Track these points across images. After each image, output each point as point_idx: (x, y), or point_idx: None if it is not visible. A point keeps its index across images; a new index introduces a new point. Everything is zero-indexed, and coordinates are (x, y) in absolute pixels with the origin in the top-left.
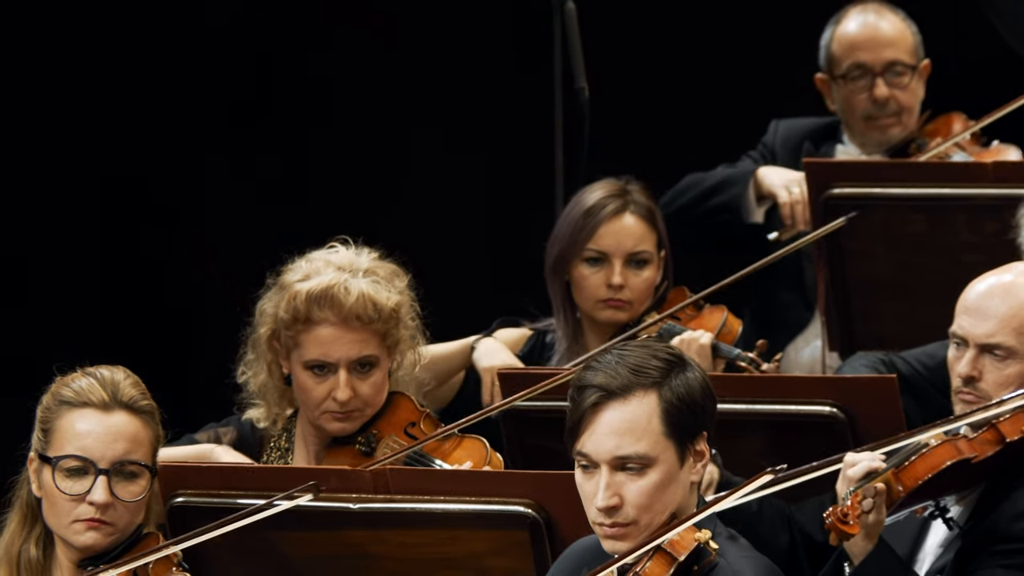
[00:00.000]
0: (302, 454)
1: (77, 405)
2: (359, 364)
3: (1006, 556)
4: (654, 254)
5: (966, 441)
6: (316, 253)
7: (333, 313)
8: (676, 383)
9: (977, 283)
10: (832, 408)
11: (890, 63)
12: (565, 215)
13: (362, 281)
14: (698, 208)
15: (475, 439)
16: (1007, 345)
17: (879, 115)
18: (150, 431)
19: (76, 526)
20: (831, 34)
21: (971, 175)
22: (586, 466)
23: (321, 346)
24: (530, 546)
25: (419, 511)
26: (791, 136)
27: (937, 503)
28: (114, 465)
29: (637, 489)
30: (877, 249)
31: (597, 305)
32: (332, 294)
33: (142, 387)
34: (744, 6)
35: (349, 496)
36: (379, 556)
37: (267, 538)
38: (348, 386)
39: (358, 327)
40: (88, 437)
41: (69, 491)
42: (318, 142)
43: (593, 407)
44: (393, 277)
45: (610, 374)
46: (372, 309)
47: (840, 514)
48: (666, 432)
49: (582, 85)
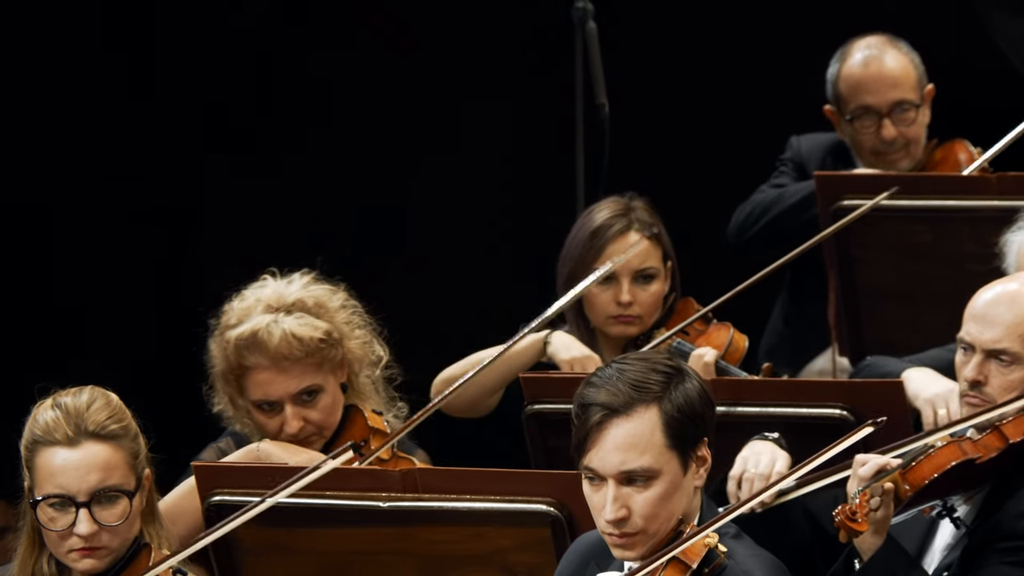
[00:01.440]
0: None
1: (47, 444)
2: (303, 394)
3: (1010, 553)
4: (660, 268)
5: (971, 442)
6: (249, 290)
7: (263, 357)
8: (676, 395)
9: (985, 291)
10: (843, 411)
11: (896, 103)
12: (573, 235)
13: (286, 320)
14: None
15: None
16: (1012, 351)
17: (887, 151)
18: (123, 452)
19: (72, 555)
20: (837, 72)
21: (975, 188)
22: (593, 479)
23: (261, 387)
24: (552, 543)
25: (446, 509)
26: (814, 151)
27: (944, 503)
28: (92, 495)
29: (644, 500)
30: (885, 258)
31: (608, 321)
32: (257, 339)
33: (110, 409)
34: (756, 28)
35: (379, 495)
36: (408, 552)
37: (302, 535)
38: (296, 418)
39: (288, 366)
40: (62, 475)
41: (56, 527)
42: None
43: (598, 425)
44: (323, 300)
45: (612, 391)
46: (298, 347)
47: (849, 512)
48: (668, 444)
49: (602, 101)
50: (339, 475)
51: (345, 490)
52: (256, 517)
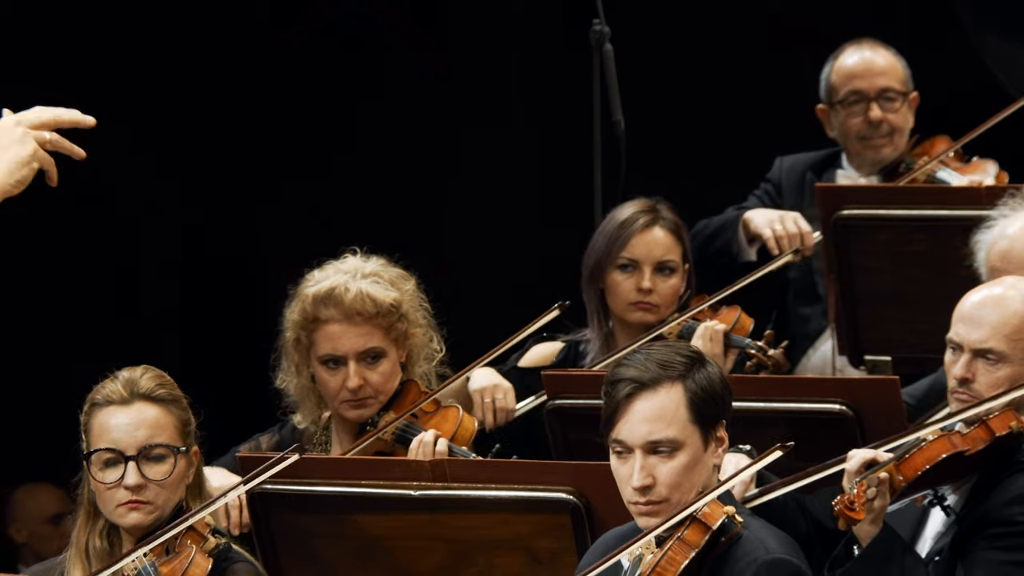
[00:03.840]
0: (338, 447)
1: (103, 405)
2: (366, 355)
3: (997, 539)
4: (679, 264)
5: (960, 436)
6: (329, 264)
7: (337, 311)
8: (699, 376)
9: (972, 294)
10: (842, 406)
11: (883, 89)
12: (601, 229)
13: (362, 282)
14: (703, 253)
15: (453, 407)
16: (998, 350)
17: (873, 135)
18: (172, 416)
19: (120, 510)
20: (831, 67)
21: (967, 198)
22: (621, 452)
23: (330, 341)
24: (571, 529)
25: (472, 497)
26: (794, 170)
27: (935, 492)
28: (141, 451)
29: (668, 470)
30: (883, 265)
31: (628, 307)
32: (334, 294)
33: (162, 379)
34: (759, 51)
35: (410, 484)
36: (437, 537)
37: (340, 521)
38: (357, 375)
39: (360, 322)
40: (114, 430)
41: (106, 480)
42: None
43: (627, 398)
44: (397, 279)
45: (640, 368)
46: (371, 305)
47: (847, 502)
48: (692, 419)
49: (618, 118)
50: (374, 466)
51: (379, 479)
52: (297, 504)
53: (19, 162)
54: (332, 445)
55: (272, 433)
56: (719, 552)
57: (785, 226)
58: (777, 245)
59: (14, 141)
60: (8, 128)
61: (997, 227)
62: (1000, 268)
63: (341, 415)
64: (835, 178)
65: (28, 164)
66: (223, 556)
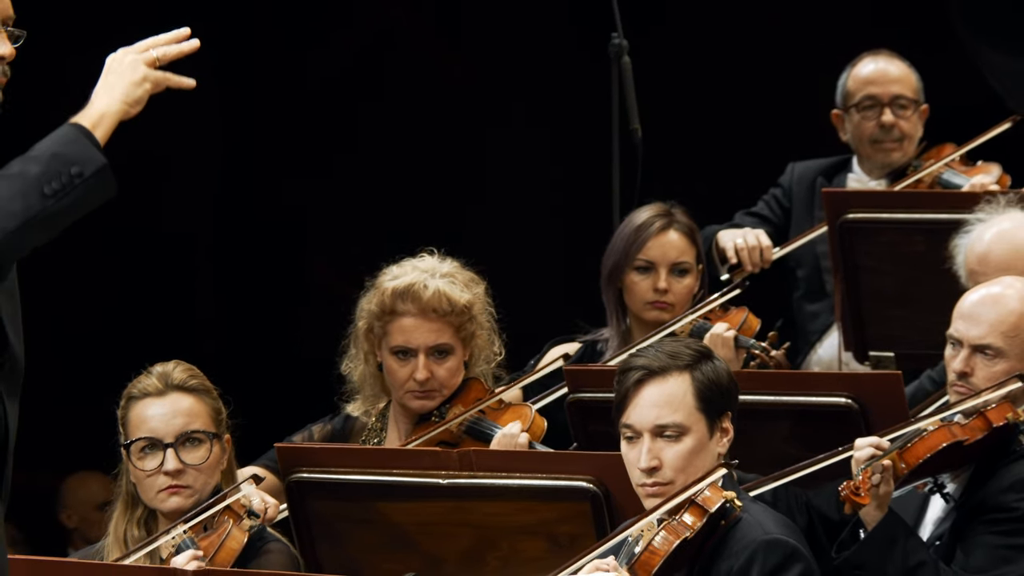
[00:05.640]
0: (394, 434)
1: (140, 398)
2: (436, 350)
3: (994, 524)
4: (693, 266)
5: (959, 426)
6: (406, 260)
7: (413, 306)
8: (706, 368)
9: (971, 293)
10: (847, 399)
11: (896, 96)
12: (619, 232)
13: (440, 281)
14: None
15: (524, 405)
16: (996, 346)
17: (884, 139)
18: (205, 404)
19: (161, 495)
20: (847, 74)
21: (964, 203)
22: (631, 436)
23: (404, 334)
24: (591, 515)
25: (498, 486)
26: (805, 175)
27: (936, 480)
28: (178, 437)
29: (674, 453)
30: (885, 265)
31: (645, 307)
32: (413, 290)
33: (193, 371)
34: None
35: (439, 473)
36: (464, 523)
37: (372, 508)
38: (426, 368)
39: (434, 318)
40: (152, 420)
41: (146, 468)
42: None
43: (636, 384)
44: (470, 282)
45: (650, 358)
46: (447, 303)
47: (853, 487)
48: (698, 407)
49: (635, 126)
50: (405, 456)
51: (410, 469)
52: (332, 492)
53: (133, 83)
54: (388, 432)
55: (324, 423)
56: (719, 535)
57: (747, 240)
58: (738, 257)
59: (125, 67)
60: (118, 58)
61: (975, 231)
62: (978, 272)
63: (404, 404)
64: (846, 182)
65: (141, 84)
66: (257, 537)
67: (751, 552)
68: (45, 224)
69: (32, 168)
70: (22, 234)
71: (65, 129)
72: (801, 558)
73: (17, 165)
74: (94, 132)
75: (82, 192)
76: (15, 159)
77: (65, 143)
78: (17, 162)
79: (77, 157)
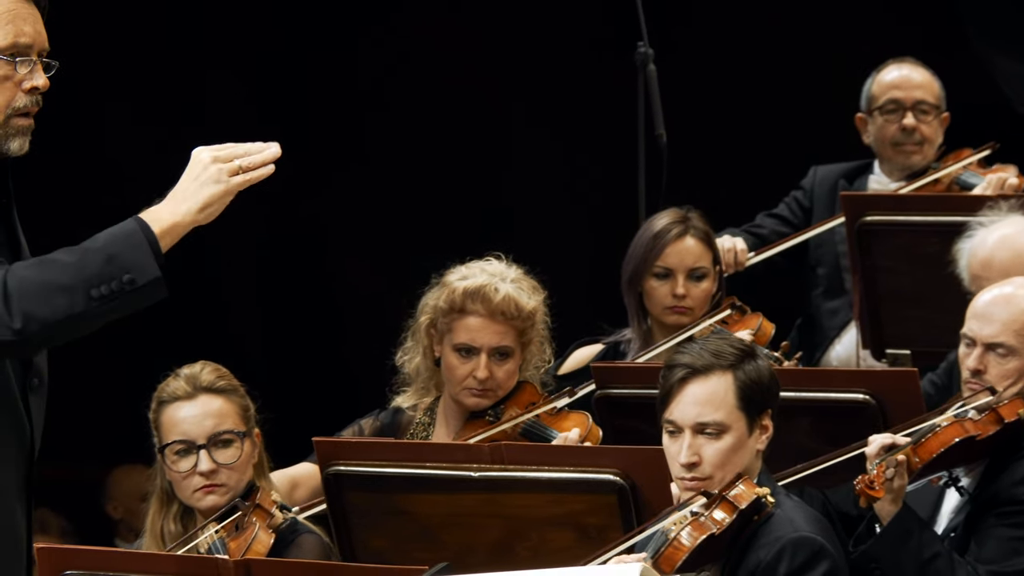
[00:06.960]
0: (443, 429)
1: (170, 402)
2: (498, 352)
3: (1007, 516)
4: (710, 269)
5: (972, 422)
6: (474, 262)
7: (483, 307)
8: (748, 367)
9: (984, 293)
10: (865, 395)
11: (918, 101)
12: (637, 238)
13: (509, 286)
14: None
15: (581, 413)
16: (1009, 344)
17: (905, 142)
18: (234, 404)
19: (197, 495)
20: (872, 79)
21: (977, 206)
22: (672, 431)
23: (469, 332)
24: (618, 507)
25: (528, 478)
26: (827, 178)
27: (950, 474)
28: (210, 439)
29: (714, 450)
30: (901, 266)
31: (665, 311)
32: (484, 292)
33: (220, 372)
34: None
35: (471, 466)
36: (495, 515)
37: (405, 500)
38: (487, 368)
39: (501, 321)
40: (183, 423)
41: (181, 470)
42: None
43: (680, 381)
44: (534, 290)
45: (695, 356)
46: (514, 308)
47: (868, 482)
48: (739, 405)
49: (660, 132)
50: (439, 450)
51: (442, 462)
52: (366, 484)
53: (213, 195)
54: (436, 428)
55: (374, 417)
56: (751, 530)
57: (723, 245)
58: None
59: (210, 179)
60: (204, 163)
61: (977, 236)
62: (981, 276)
63: (459, 400)
64: (867, 184)
65: (221, 199)
66: (290, 529)
67: (779, 549)
68: (86, 324)
69: (87, 263)
70: (61, 329)
71: (131, 228)
72: (828, 556)
73: (74, 255)
74: (160, 241)
75: (128, 300)
76: (78, 246)
77: (126, 246)
78: (76, 251)
79: (133, 265)
